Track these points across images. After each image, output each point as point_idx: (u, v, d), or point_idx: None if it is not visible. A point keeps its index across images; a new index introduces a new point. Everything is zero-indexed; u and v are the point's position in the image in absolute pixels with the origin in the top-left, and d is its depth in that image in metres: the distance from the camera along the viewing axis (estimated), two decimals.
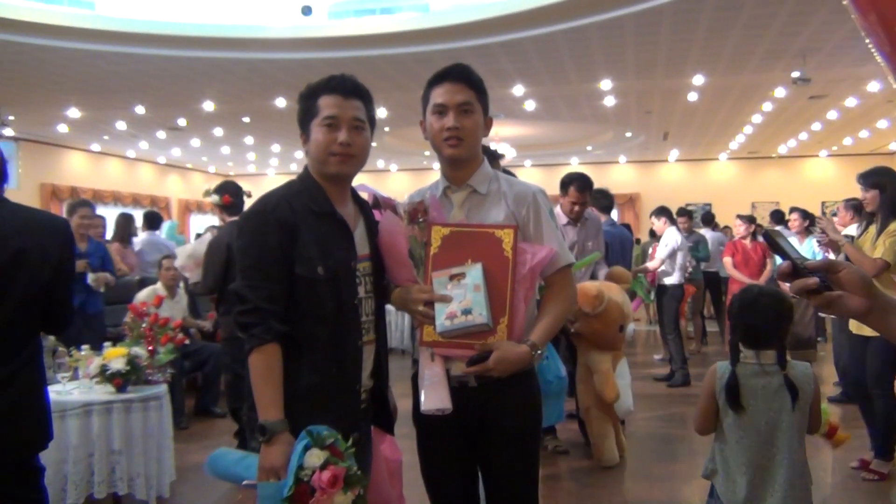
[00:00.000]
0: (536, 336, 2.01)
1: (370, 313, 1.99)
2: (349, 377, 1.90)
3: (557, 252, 2.08)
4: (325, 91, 1.91)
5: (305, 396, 1.82)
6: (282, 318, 1.81)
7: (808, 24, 7.68)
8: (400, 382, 2.24)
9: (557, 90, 10.79)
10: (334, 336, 1.86)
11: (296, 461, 1.65)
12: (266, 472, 1.71)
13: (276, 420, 1.75)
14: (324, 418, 1.77)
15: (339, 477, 1.64)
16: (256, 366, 1.80)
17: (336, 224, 1.92)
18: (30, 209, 2.27)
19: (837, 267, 1.16)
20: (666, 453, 5.01)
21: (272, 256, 1.83)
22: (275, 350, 1.79)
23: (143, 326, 4.36)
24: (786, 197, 15.33)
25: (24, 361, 2.05)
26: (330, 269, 1.85)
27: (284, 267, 1.82)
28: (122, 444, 3.58)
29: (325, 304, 1.85)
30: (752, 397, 2.35)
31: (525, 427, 2.10)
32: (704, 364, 8.12)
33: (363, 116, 1.94)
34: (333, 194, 1.94)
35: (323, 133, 1.89)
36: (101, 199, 15.52)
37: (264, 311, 1.80)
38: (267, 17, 8.79)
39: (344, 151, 1.89)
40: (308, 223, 1.86)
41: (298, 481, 1.63)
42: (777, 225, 8.88)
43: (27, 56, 8.70)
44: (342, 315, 1.87)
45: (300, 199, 1.90)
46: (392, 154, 17.28)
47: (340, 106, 1.89)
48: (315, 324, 1.85)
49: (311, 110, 1.92)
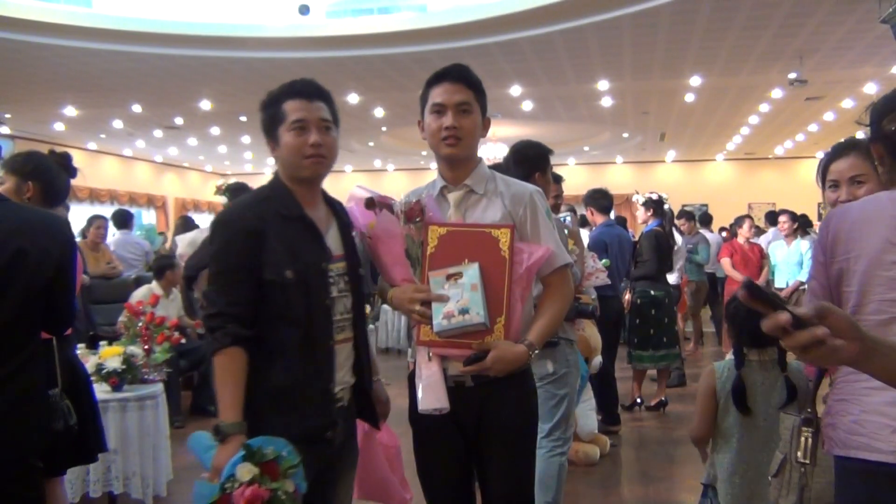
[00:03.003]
0: (533, 336, 2.02)
1: (345, 312, 1.99)
2: (321, 378, 1.91)
3: (554, 252, 2.08)
4: (289, 96, 1.94)
5: (276, 398, 1.85)
6: (246, 323, 1.84)
7: (804, 26, 7.70)
8: (397, 382, 2.24)
9: (555, 90, 10.80)
10: (305, 338, 1.88)
11: (228, 470, 1.66)
12: (214, 471, 1.73)
13: (232, 422, 1.77)
14: (295, 419, 1.82)
15: (258, 498, 1.64)
16: (217, 368, 1.83)
17: (305, 227, 1.93)
18: (30, 209, 2.27)
19: (827, 312, 1.05)
20: (662, 453, 5.02)
21: (238, 262, 1.86)
22: (235, 353, 1.82)
23: (139, 325, 4.35)
24: (782, 198, 15.36)
25: (25, 361, 2.05)
26: (299, 272, 1.87)
27: (251, 272, 1.85)
28: (117, 443, 3.57)
29: (295, 306, 1.87)
30: (752, 394, 2.36)
31: (521, 426, 2.10)
32: (700, 364, 8.14)
33: (329, 116, 1.96)
34: (304, 197, 1.96)
35: (293, 137, 1.91)
36: (98, 197, 15.49)
37: (227, 315, 1.83)
38: (264, 16, 8.78)
39: (316, 153, 1.91)
40: (276, 228, 1.88)
41: (223, 491, 1.64)
42: (772, 226, 8.89)
43: (24, 54, 8.67)
44: (313, 317, 1.89)
45: (268, 205, 1.93)
46: (389, 153, 17.30)
47: (307, 109, 1.92)
48: (285, 326, 1.87)
49: (276, 116, 1.94)
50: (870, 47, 8.42)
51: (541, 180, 3.18)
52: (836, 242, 1.61)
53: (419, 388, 2.00)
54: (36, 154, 2.78)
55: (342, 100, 10.96)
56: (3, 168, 2.67)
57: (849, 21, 7.54)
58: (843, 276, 1.60)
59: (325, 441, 1.89)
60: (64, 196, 2.86)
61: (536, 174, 3.21)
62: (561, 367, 3.15)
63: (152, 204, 17.95)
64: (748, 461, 2.35)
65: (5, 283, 1.97)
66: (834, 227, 1.63)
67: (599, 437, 4.84)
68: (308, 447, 1.78)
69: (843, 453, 1.59)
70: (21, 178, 2.64)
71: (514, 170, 3.16)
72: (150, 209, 17.96)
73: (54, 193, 2.74)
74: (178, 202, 18.85)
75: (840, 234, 1.61)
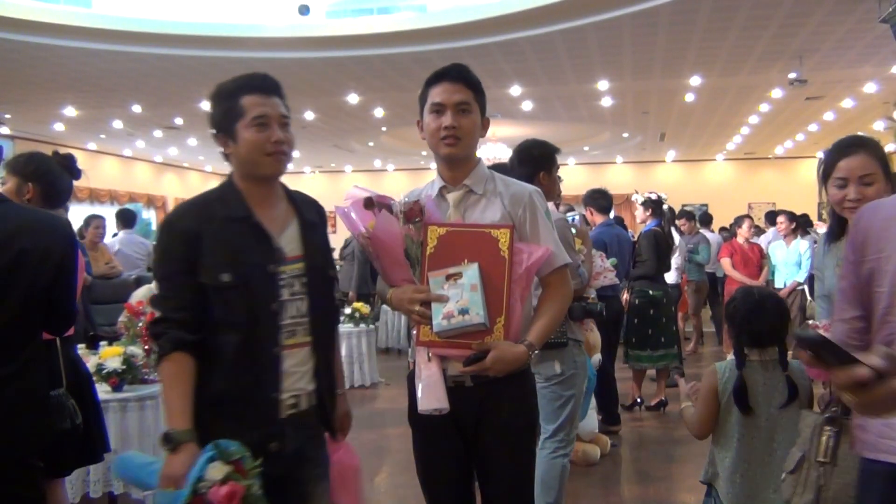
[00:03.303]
0: (533, 336, 2.02)
1: (299, 315, 1.89)
2: (262, 385, 1.83)
3: (554, 252, 2.08)
4: (247, 91, 1.87)
5: (217, 405, 1.80)
6: (190, 328, 1.79)
7: (804, 26, 7.71)
8: (397, 382, 2.24)
9: (554, 90, 10.81)
10: (245, 343, 1.81)
11: (197, 472, 1.62)
12: (167, 480, 1.68)
13: (182, 430, 1.73)
14: (237, 427, 1.76)
15: (237, 494, 1.61)
16: (162, 375, 1.80)
17: (250, 228, 1.86)
18: (32, 210, 2.27)
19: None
20: (662, 453, 5.02)
21: (177, 267, 1.83)
22: (180, 359, 1.78)
23: (139, 325, 4.35)
24: (782, 198, 15.38)
25: (26, 362, 2.05)
26: (240, 275, 1.80)
27: (191, 276, 1.80)
28: (118, 443, 3.56)
29: (235, 311, 1.81)
30: (754, 394, 2.36)
31: (521, 426, 2.10)
32: (700, 364, 8.14)
33: (287, 112, 1.91)
34: (258, 196, 1.90)
35: (254, 133, 1.84)
36: (98, 198, 15.50)
37: (169, 320, 1.80)
38: (264, 16, 8.79)
39: (278, 150, 1.86)
40: (214, 230, 1.82)
41: (195, 493, 1.61)
42: (772, 226, 8.88)
43: (23, 54, 8.68)
44: (256, 321, 1.82)
45: (212, 206, 1.87)
46: (389, 154, 17.30)
47: (267, 104, 1.86)
48: (225, 331, 1.81)
49: (233, 111, 1.86)
50: (870, 47, 8.42)
51: (545, 180, 3.17)
52: (867, 241, 1.56)
53: (419, 388, 2.00)
54: (38, 155, 2.78)
55: (342, 100, 10.97)
56: (5, 169, 2.67)
57: (848, 21, 7.54)
58: (873, 275, 1.55)
59: (269, 453, 1.79)
60: (66, 198, 2.85)
61: (541, 174, 3.20)
62: (568, 368, 3.14)
63: (152, 204, 17.95)
64: (750, 460, 2.35)
65: (7, 284, 1.98)
66: (864, 225, 1.58)
67: (600, 436, 4.84)
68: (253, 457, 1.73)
69: (871, 456, 1.57)
70: (22, 179, 2.65)
71: (519, 169, 3.16)
72: (151, 209, 17.96)
73: (55, 195, 2.74)
74: (178, 202, 18.80)
75: (871, 232, 1.56)
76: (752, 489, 2.33)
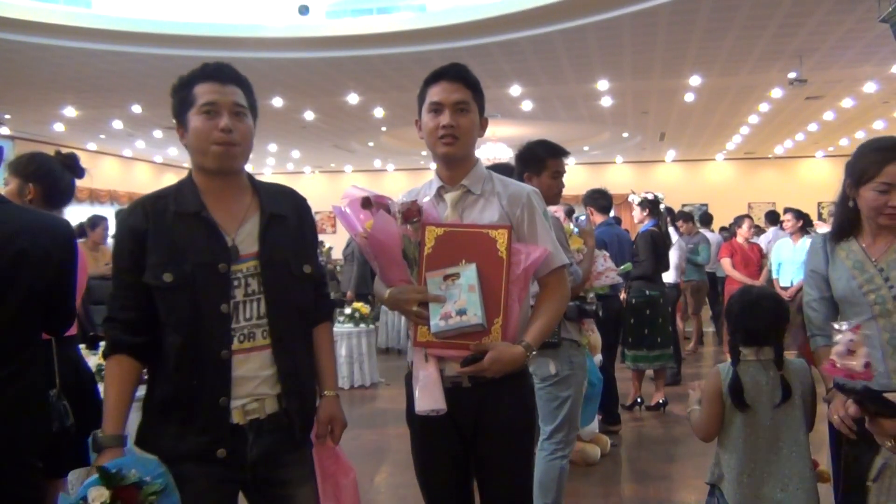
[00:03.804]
0: (531, 337, 2.01)
1: (255, 317, 1.80)
2: (208, 390, 1.73)
3: (552, 253, 2.08)
4: (201, 79, 1.80)
5: (162, 409, 1.76)
6: (133, 329, 1.75)
7: (804, 26, 7.71)
8: (397, 382, 2.24)
9: (554, 90, 10.81)
10: (189, 346, 1.73)
11: (81, 492, 1.59)
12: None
13: (108, 435, 1.69)
14: (182, 431, 1.73)
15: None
16: (105, 376, 1.78)
17: (200, 224, 1.77)
18: (32, 210, 2.27)
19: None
20: (662, 453, 5.02)
21: (123, 265, 1.79)
22: (119, 361, 1.75)
23: None
24: (782, 197, 15.37)
25: (25, 362, 2.05)
26: (184, 275, 1.73)
27: (138, 275, 1.75)
28: None
29: (178, 312, 1.73)
30: (756, 393, 2.37)
31: (519, 427, 2.09)
32: (699, 364, 8.14)
33: (244, 102, 1.82)
34: (215, 191, 1.82)
35: (202, 121, 1.76)
36: (98, 198, 15.49)
37: (115, 320, 1.77)
38: (264, 16, 8.78)
39: (226, 140, 1.76)
40: (161, 227, 1.76)
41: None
42: (772, 225, 8.86)
43: (23, 54, 8.68)
44: (201, 323, 1.73)
45: (164, 201, 1.81)
46: (389, 154, 17.30)
47: (219, 91, 1.78)
48: (169, 332, 1.74)
49: (186, 100, 1.79)
50: (869, 46, 8.42)
51: (532, 181, 3.14)
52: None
53: (416, 389, 2.00)
54: (39, 156, 2.77)
55: (342, 100, 10.97)
56: (7, 170, 2.67)
57: (848, 20, 7.54)
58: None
59: (217, 460, 1.73)
60: (68, 198, 2.83)
61: (525, 174, 3.20)
62: (564, 368, 3.12)
63: None
64: (755, 461, 2.35)
65: (6, 284, 1.98)
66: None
67: (600, 436, 4.84)
68: (201, 465, 1.69)
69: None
70: (23, 180, 2.65)
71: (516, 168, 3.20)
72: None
73: (57, 195, 2.74)
74: None
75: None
76: (758, 489, 2.33)
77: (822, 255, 2.28)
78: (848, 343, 1.81)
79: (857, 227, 2.20)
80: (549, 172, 3.27)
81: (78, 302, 2.45)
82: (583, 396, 3.35)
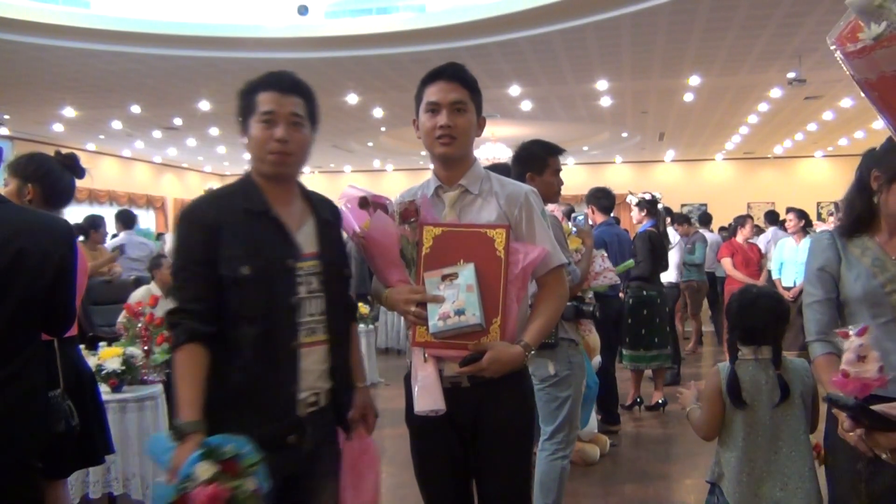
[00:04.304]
0: (529, 337, 2.01)
1: (317, 313, 1.90)
2: (281, 381, 1.83)
3: (550, 252, 2.07)
4: (264, 87, 1.89)
5: (233, 398, 1.80)
6: (206, 319, 1.79)
7: (803, 25, 7.71)
8: (397, 382, 2.24)
9: (554, 90, 10.80)
10: (263, 337, 1.81)
11: (185, 470, 1.61)
12: (171, 472, 1.67)
13: (190, 421, 1.73)
14: (253, 421, 1.76)
15: (219, 497, 1.59)
16: (176, 365, 1.80)
17: (270, 222, 1.87)
18: (32, 211, 2.27)
19: None
20: (661, 452, 5.02)
21: (195, 257, 1.82)
22: (194, 350, 1.78)
23: (138, 326, 4.35)
24: (781, 197, 15.37)
25: (25, 362, 2.05)
26: (259, 269, 1.81)
27: (209, 267, 1.80)
28: (117, 444, 3.55)
29: (254, 303, 1.81)
30: (755, 392, 2.37)
31: (518, 427, 2.09)
32: (699, 364, 8.14)
33: (302, 112, 1.91)
34: (273, 193, 1.91)
35: (260, 129, 1.86)
36: (97, 198, 15.50)
37: (186, 311, 1.80)
38: (263, 16, 8.78)
39: (281, 149, 1.86)
40: (234, 223, 1.84)
41: (180, 491, 1.59)
42: (771, 225, 8.87)
43: (22, 55, 8.67)
44: (274, 315, 1.82)
45: (231, 199, 1.89)
46: (388, 154, 17.30)
47: (278, 102, 1.87)
48: (243, 324, 1.81)
49: (249, 107, 1.89)
50: None
51: (534, 181, 3.14)
52: None
53: (415, 389, 2.00)
54: (38, 156, 2.77)
55: (341, 100, 10.96)
56: (6, 170, 2.66)
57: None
58: None
59: (287, 447, 1.82)
60: (67, 198, 2.83)
61: (528, 174, 3.21)
62: (563, 368, 3.12)
63: (151, 205, 17.94)
64: (755, 459, 2.36)
65: (6, 285, 1.97)
66: None
67: (599, 436, 4.84)
68: (269, 452, 1.71)
69: None
70: (22, 181, 2.64)
71: (514, 168, 3.21)
72: (150, 210, 17.96)
73: (56, 196, 2.73)
74: (177, 203, 18.83)
75: None
76: (757, 488, 2.34)
77: (831, 252, 2.09)
78: (857, 349, 1.70)
79: (873, 222, 2.04)
80: (550, 170, 3.30)
81: (77, 303, 2.44)
82: (582, 396, 3.36)
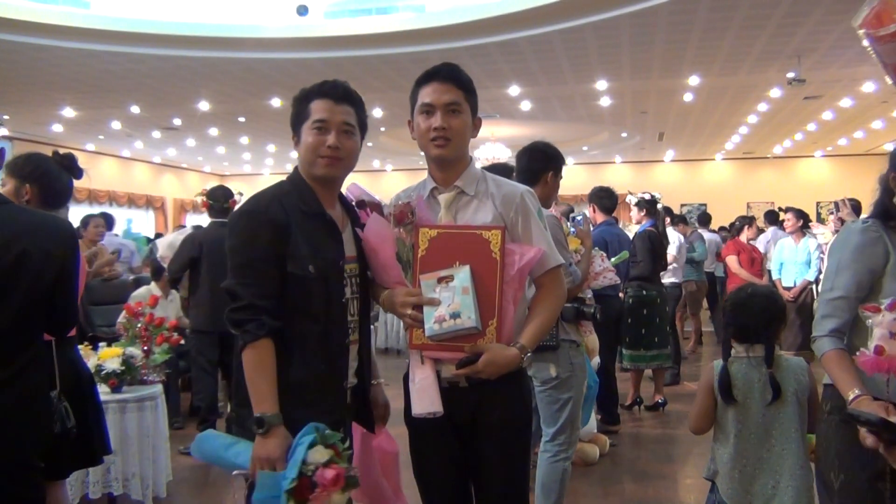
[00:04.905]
0: (525, 338, 2.01)
1: (355, 314, 2.03)
2: (336, 374, 1.95)
3: (546, 253, 2.07)
4: (317, 95, 1.97)
5: (295, 391, 1.86)
6: (274, 315, 1.84)
7: (802, 25, 7.71)
8: (396, 382, 2.24)
9: (553, 90, 10.80)
10: (323, 333, 1.91)
11: (300, 455, 1.68)
12: (262, 462, 1.75)
13: (273, 413, 1.79)
14: (314, 414, 1.81)
15: (341, 476, 1.68)
16: (250, 361, 1.83)
17: (326, 224, 1.97)
18: (33, 212, 2.27)
19: None
20: (661, 452, 5.03)
21: (263, 254, 1.86)
22: (267, 345, 1.83)
23: (138, 326, 4.35)
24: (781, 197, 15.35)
25: (27, 363, 2.05)
26: (320, 268, 1.90)
27: (275, 265, 1.86)
28: (117, 444, 3.57)
29: (316, 301, 1.90)
30: (747, 390, 2.38)
31: (516, 427, 2.09)
32: (699, 364, 8.15)
33: (353, 121, 1.99)
34: (322, 195, 1.99)
35: (313, 136, 1.95)
36: (97, 198, 15.49)
37: (257, 307, 1.83)
38: (263, 16, 8.78)
39: (332, 154, 1.94)
40: (299, 222, 1.91)
41: (301, 475, 1.66)
42: (771, 225, 8.87)
43: (22, 55, 8.67)
44: (331, 313, 1.92)
45: (290, 199, 1.94)
46: (388, 154, 17.29)
47: (331, 110, 1.95)
48: (305, 321, 1.89)
49: (302, 114, 1.98)
50: None
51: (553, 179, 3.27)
52: None
53: (413, 391, 2.00)
54: (36, 156, 2.77)
55: None
56: (4, 171, 2.66)
57: (846, 20, 7.49)
58: None
59: None
60: (65, 199, 2.84)
61: (549, 174, 3.29)
62: (564, 370, 3.12)
63: (151, 205, 17.94)
64: (747, 456, 2.38)
65: (8, 285, 1.97)
66: None
67: (599, 436, 4.85)
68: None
69: None
70: (20, 181, 2.64)
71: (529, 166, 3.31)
72: (149, 210, 17.96)
73: (54, 196, 2.73)
74: (176, 203, 18.84)
75: None
76: (749, 485, 2.36)
77: (880, 246, 1.93)
78: (891, 324, 1.61)
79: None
80: (560, 174, 3.38)
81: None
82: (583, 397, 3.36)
